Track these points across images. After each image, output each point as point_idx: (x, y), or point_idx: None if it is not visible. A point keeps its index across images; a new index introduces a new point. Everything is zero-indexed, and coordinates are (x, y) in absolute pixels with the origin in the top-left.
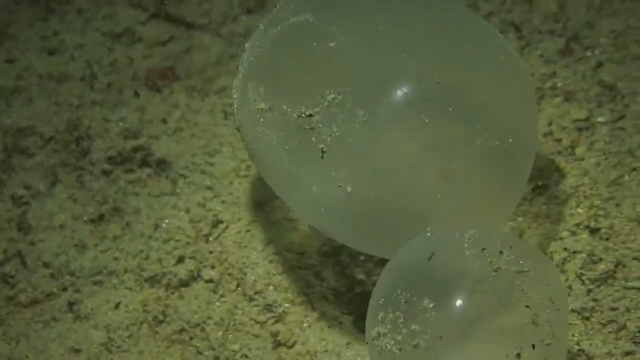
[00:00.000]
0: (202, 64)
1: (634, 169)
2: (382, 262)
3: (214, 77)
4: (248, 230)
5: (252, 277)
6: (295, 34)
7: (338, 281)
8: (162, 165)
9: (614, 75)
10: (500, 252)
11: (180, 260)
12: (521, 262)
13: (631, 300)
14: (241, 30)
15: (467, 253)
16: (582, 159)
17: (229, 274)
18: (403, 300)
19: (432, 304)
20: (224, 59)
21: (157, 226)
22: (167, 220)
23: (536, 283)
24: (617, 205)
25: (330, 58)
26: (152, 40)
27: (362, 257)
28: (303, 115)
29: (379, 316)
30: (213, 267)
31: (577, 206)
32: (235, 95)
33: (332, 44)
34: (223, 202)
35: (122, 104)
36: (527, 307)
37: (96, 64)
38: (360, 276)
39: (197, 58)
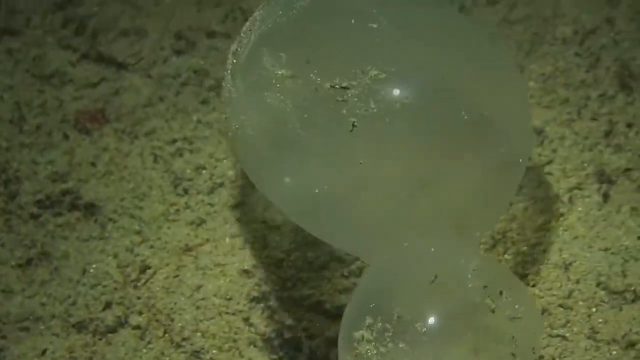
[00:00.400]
0: (132, 105)
1: (561, 215)
2: (312, 307)
3: (144, 119)
4: (176, 276)
5: (180, 323)
6: (329, 8)
7: (267, 326)
8: (90, 208)
9: (542, 119)
10: (501, 293)
11: (108, 305)
12: (516, 306)
13: (556, 349)
14: (171, 72)
15: (470, 285)
16: (510, 204)
17: (157, 320)
18: (396, 315)
19: (424, 329)
20: (154, 101)
21: (85, 271)
22: (94, 265)
23: (526, 331)
24: (544, 251)
25: (371, 38)
26: (82, 82)
27: (291, 302)
28: (337, 86)
29: (366, 320)
30: (140, 313)
31: (505, 252)
32: (234, 61)
33: (374, 25)
34: (151, 247)
35: (51, 146)
36: (512, 354)
37: (25, 106)
38: (290, 322)
39: (127, 100)
